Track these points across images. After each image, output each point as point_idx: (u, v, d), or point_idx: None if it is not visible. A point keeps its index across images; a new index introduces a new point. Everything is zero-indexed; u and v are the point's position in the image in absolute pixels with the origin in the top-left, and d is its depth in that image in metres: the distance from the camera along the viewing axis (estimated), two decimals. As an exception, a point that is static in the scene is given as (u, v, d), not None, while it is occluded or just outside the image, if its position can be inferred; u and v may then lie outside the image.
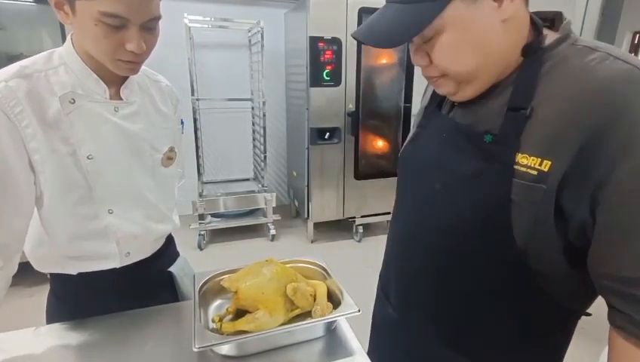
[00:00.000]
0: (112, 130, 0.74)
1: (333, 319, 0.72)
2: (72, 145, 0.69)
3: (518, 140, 0.48)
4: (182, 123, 0.95)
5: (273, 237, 2.94)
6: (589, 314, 0.59)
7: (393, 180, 2.95)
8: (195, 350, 0.60)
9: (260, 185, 3.19)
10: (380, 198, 2.91)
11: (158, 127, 0.83)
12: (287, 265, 0.82)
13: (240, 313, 0.76)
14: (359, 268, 2.54)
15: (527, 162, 0.47)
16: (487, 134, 0.51)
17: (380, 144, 3.00)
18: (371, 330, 0.87)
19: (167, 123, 0.86)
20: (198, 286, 0.79)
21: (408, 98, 2.82)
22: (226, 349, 0.68)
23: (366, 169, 2.84)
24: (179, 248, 1.02)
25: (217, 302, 0.82)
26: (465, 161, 0.54)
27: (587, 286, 0.50)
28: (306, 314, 0.77)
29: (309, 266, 0.89)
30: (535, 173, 0.46)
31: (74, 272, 0.80)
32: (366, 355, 0.69)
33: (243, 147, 3.42)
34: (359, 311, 0.71)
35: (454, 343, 0.63)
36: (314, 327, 0.73)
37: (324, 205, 2.86)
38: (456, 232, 0.56)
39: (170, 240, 0.97)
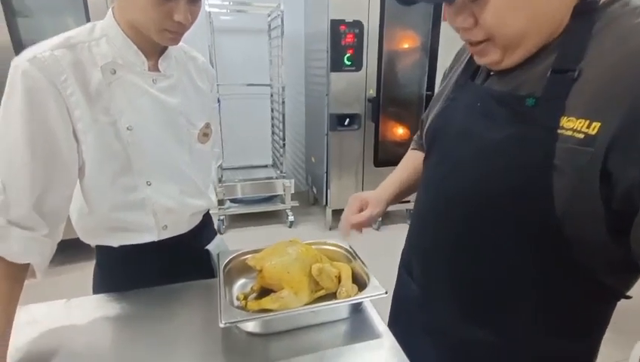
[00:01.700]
0: (150, 101, 0.74)
1: (360, 300, 0.71)
2: (113, 116, 0.71)
3: (563, 103, 0.46)
4: (218, 102, 0.96)
5: (291, 224, 2.95)
6: (628, 297, 0.56)
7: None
8: (222, 326, 0.60)
9: (278, 172, 3.19)
10: (399, 186, 2.86)
11: (195, 102, 0.83)
12: (312, 247, 0.81)
13: (264, 292, 0.75)
14: (378, 256, 2.52)
15: (572, 125, 0.45)
16: (529, 98, 0.49)
17: (400, 131, 2.94)
18: (391, 311, 0.85)
19: (203, 99, 0.86)
20: (222, 265, 0.79)
21: (431, 85, 2.75)
22: (251, 326, 0.68)
23: (386, 156, 2.80)
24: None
25: (242, 281, 0.82)
26: (501, 127, 0.52)
27: (627, 261, 0.47)
28: (331, 296, 0.76)
29: (334, 248, 0.88)
30: (582, 136, 0.44)
31: (115, 244, 0.81)
32: (393, 337, 0.67)
33: (262, 133, 3.42)
34: (386, 292, 0.69)
35: (479, 318, 0.61)
36: (339, 308, 0.72)
37: (342, 192, 2.84)
38: (486, 202, 0.54)
39: (207, 219, 0.98)
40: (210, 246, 0.95)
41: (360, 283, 0.78)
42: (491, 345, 0.60)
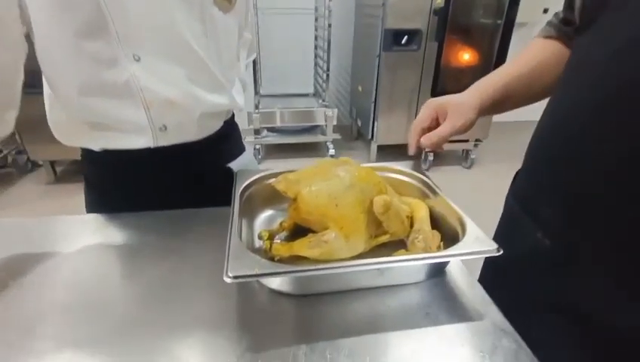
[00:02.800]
0: None
1: (455, 257, 0.44)
2: None
3: None
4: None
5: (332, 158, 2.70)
6: None
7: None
8: (227, 280, 0.37)
9: (320, 101, 2.88)
10: (459, 122, 2.48)
11: None
12: (374, 171, 0.53)
13: (299, 231, 0.51)
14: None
15: None
16: None
17: (467, 57, 2.47)
18: (485, 272, 0.59)
19: None
20: (240, 188, 0.54)
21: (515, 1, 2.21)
22: (277, 283, 0.44)
23: (446, 85, 2.38)
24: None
25: (267, 213, 0.58)
26: None
27: None
28: (393, 246, 0.50)
29: (403, 178, 0.60)
30: None
31: (96, 148, 0.59)
32: (506, 320, 0.41)
33: (304, 60, 3.09)
34: (499, 250, 0.42)
35: None
36: (417, 267, 0.46)
37: (391, 125, 2.51)
38: None
39: (231, 127, 0.73)
40: (234, 165, 0.72)
41: (443, 230, 0.51)
42: None
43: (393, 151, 2.85)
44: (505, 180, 0.61)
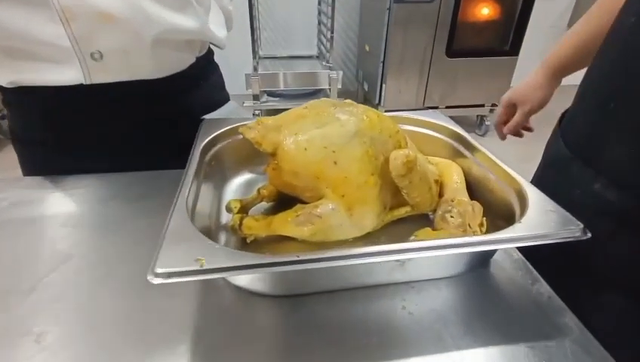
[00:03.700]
0: None
1: (522, 240, 0.28)
2: None
3: None
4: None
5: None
6: None
7: (496, 62, 2.25)
8: (152, 281, 0.22)
9: (324, 63, 2.67)
10: (474, 85, 2.28)
11: None
12: (387, 117, 0.38)
13: (284, 201, 0.37)
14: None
15: None
16: None
17: (487, 11, 2.22)
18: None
19: None
20: (202, 143, 0.39)
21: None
22: (244, 280, 0.30)
23: (463, 44, 2.16)
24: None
25: (244, 177, 0.43)
26: None
27: None
28: (414, 222, 0.36)
29: (427, 131, 0.45)
30: None
31: (5, 82, 0.43)
32: (593, 338, 0.27)
33: (306, 17, 2.86)
34: (585, 231, 0.27)
35: None
36: (453, 257, 0.31)
37: (401, 89, 2.31)
38: None
39: (209, 67, 0.57)
40: (210, 116, 0.55)
41: (486, 200, 0.36)
42: None
43: (402, 118, 2.67)
44: (523, 148, 0.59)
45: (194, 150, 0.38)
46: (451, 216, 0.34)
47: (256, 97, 2.58)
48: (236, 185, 0.42)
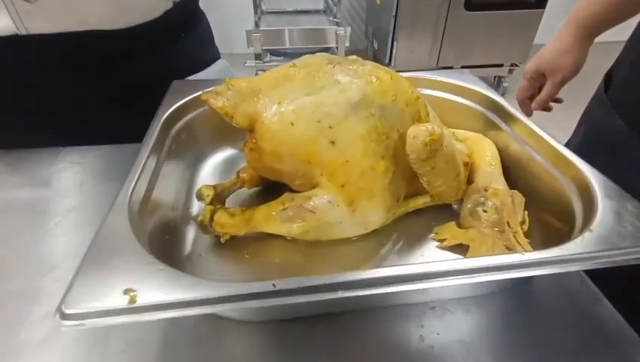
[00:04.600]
0: None
1: (595, 260, 0.20)
2: None
3: None
4: None
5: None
6: None
7: (520, 16, 2.04)
8: (61, 325, 0.15)
9: (330, 18, 2.49)
10: (493, 43, 2.11)
11: None
12: (402, 77, 0.28)
13: (272, 186, 0.29)
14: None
15: None
16: None
17: (512, -43, 2.01)
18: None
19: None
20: (167, 111, 0.31)
21: None
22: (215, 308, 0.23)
23: (484, -5, 1.97)
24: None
25: (225, 154, 0.35)
26: None
27: None
28: (434, 213, 0.28)
29: (451, 97, 0.36)
30: None
31: None
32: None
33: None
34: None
35: None
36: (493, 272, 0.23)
37: (414, 48, 2.15)
38: None
39: (192, 18, 0.48)
40: (194, 78, 0.46)
41: (528, 189, 0.28)
42: None
43: (414, 79, 2.53)
44: (553, 114, 0.52)
45: (155, 120, 0.30)
46: (484, 211, 0.26)
47: (258, 56, 2.44)
48: (213, 165, 0.34)
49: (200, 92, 0.33)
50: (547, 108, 0.52)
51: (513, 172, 0.30)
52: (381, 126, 0.23)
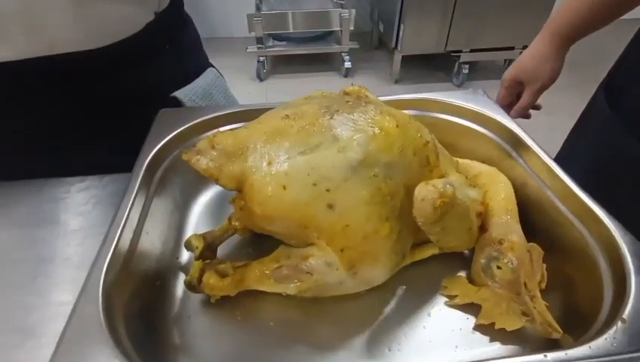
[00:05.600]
0: None
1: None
2: None
3: None
4: None
5: (347, 72, 2.33)
6: None
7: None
8: None
9: (335, 1, 2.41)
10: (505, 24, 2.03)
11: None
12: (409, 116, 0.25)
13: (263, 234, 0.27)
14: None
15: None
16: None
17: None
18: None
19: None
20: (154, 148, 0.28)
21: None
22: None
23: (495, -25, 1.88)
24: (229, 76, 0.50)
25: (214, 191, 0.33)
26: None
27: None
28: (442, 261, 0.26)
29: (464, 122, 0.33)
30: None
31: None
32: None
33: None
34: None
35: None
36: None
37: (421, 30, 2.07)
38: None
39: (176, 22, 0.44)
40: (180, 93, 0.42)
41: (548, 234, 0.25)
42: None
43: (421, 64, 2.45)
44: (556, 98, 0.54)
45: (139, 160, 0.27)
46: (498, 267, 0.24)
47: (260, 41, 2.39)
48: (204, 203, 0.32)
49: (189, 123, 0.31)
50: (526, 116, 0.53)
51: (531, 215, 0.27)
52: (385, 187, 0.21)
